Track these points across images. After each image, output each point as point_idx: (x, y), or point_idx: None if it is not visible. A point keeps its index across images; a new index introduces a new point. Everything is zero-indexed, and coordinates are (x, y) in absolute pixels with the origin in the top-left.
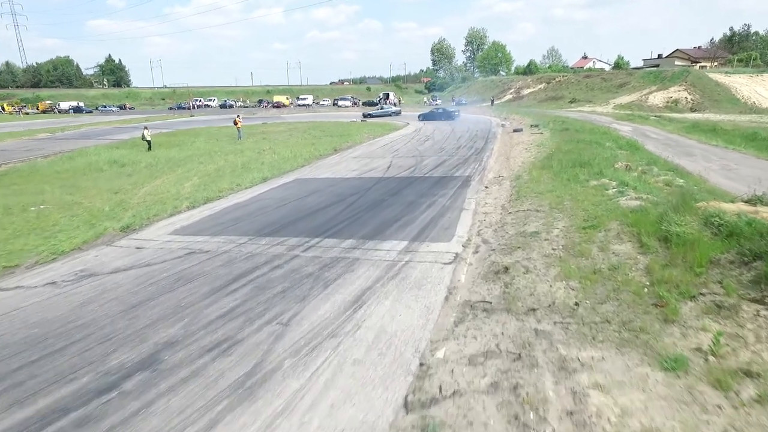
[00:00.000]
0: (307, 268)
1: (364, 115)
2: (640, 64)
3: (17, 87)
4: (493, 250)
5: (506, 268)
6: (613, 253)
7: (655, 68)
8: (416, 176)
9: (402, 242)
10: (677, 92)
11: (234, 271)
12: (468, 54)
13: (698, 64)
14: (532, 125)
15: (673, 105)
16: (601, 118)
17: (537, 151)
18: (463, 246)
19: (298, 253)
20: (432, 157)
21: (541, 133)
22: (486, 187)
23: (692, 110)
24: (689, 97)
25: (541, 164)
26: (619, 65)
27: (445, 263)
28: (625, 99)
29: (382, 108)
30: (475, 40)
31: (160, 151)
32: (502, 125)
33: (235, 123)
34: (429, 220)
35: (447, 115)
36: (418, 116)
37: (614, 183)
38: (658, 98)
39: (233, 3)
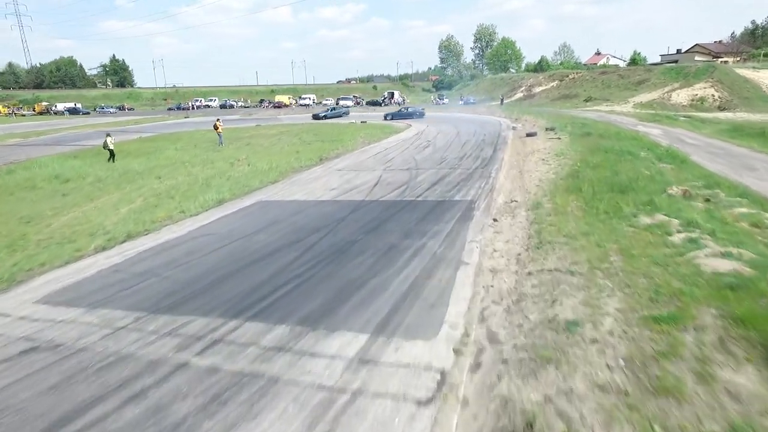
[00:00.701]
0: (182, 406)
1: (314, 117)
2: (657, 60)
3: (20, 88)
4: (506, 361)
5: (530, 425)
6: (728, 391)
7: (674, 64)
8: (406, 200)
9: (359, 337)
10: (703, 89)
11: (60, 406)
12: (477, 51)
13: (720, 59)
14: (547, 128)
15: (699, 103)
16: (623, 119)
17: (557, 164)
18: (455, 351)
19: (190, 357)
20: (430, 170)
21: (559, 138)
22: (495, 220)
23: (720, 109)
24: (716, 94)
25: (566, 184)
26: (635, 61)
27: (419, 401)
28: (645, 97)
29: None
30: (483, 37)
31: (121, 161)
32: (513, 128)
33: (215, 128)
34: (409, 286)
35: (417, 114)
36: (384, 116)
37: (677, 222)
38: (682, 96)
39: (240, 2)
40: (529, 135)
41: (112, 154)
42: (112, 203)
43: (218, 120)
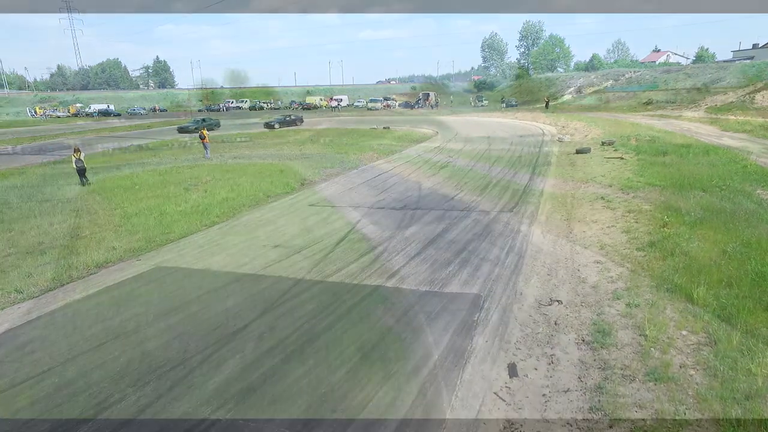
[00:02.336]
0: None
1: (178, 129)
2: (728, 57)
3: (68, 89)
4: None
5: None
6: None
7: (749, 60)
8: (367, 285)
9: None
10: None
11: None
12: (522, 50)
13: None
14: (603, 141)
15: None
16: (699, 127)
17: (627, 208)
18: None
19: None
20: (432, 212)
21: (622, 158)
22: (512, 374)
23: None
24: None
25: (654, 267)
26: (702, 58)
27: None
28: (720, 99)
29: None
30: (530, 35)
31: (50, 188)
32: (559, 139)
33: (202, 138)
34: None
35: (299, 120)
36: (264, 124)
37: None
38: None
39: (288, 4)
40: (579, 152)
41: (79, 173)
42: None
43: (204, 129)
